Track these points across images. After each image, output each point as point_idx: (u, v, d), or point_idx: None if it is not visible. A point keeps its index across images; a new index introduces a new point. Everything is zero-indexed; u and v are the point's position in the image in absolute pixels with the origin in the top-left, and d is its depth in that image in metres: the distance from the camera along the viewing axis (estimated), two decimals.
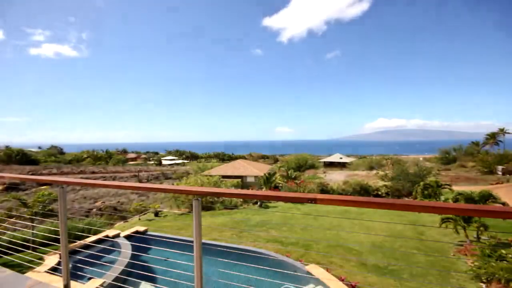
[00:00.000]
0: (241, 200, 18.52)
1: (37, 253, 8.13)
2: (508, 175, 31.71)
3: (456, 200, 11.19)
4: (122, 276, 6.42)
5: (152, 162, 73.19)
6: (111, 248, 8.75)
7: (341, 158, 61.22)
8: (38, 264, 7.03)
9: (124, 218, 16.25)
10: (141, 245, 8.45)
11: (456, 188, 19.25)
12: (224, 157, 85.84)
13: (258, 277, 6.92)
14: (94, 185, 2.62)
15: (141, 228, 10.38)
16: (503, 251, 7.14)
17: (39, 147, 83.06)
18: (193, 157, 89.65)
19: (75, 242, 8.23)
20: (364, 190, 22.89)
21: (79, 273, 6.57)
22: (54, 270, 6.57)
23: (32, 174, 40.10)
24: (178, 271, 3.55)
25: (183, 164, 67.20)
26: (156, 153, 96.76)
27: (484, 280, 6.51)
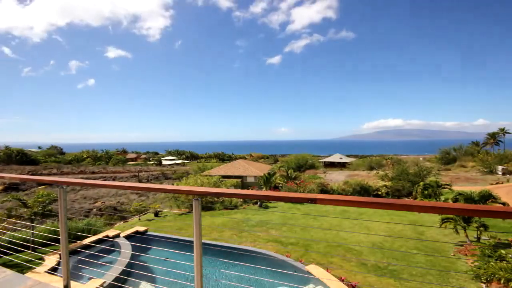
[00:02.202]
0: (241, 200, 18.51)
1: (37, 253, 8.13)
2: (508, 175, 31.70)
3: (456, 200, 11.19)
4: (122, 276, 6.42)
5: (152, 162, 73.22)
6: (111, 248, 8.75)
7: (341, 158, 61.22)
8: (38, 264, 7.04)
9: (124, 218, 16.25)
10: (141, 245, 8.44)
11: (456, 188, 19.25)
12: (224, 157, 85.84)
13: (258, 277, 6.93)
14: (94, 185, 2.62)
15: (141, 228, 10.38)
16: (503, 251, 7.14)
17: (39, 147, 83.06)
18: (193, 157, 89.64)
19: (75, 242, 8.23)
20: (364, 190, 22.85)
21: (79, 273, 6.58)
22: (54, 270, 6.58)
23: (32, 174, 40.10)
24: (178, 271, 3.55)
25: (183, 164, 67.19)
26: (156, 153, 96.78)
27: (484, 280, 6.51)
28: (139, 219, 14.49)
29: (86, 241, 8.59)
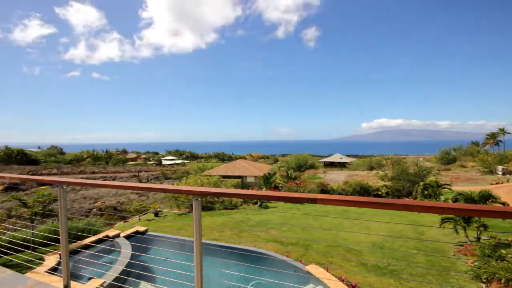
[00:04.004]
0: (241, 200, 18.51)
1: (37, 253, 8.13)
2: (508, 175, 31.69)
3: (456, 200, 11.19)
4: (122, 276, 6.42)
5: (152, 162, 73.16)
6: (111, 248, 8.75)
7: (341, 158, 61.22)
8: (38, 264, 7.04)
9: (124, 218, 16.24)
10: (141, 245, 8.45)
11: (456, 188, 19.24)
12: (224, 157, 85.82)
13: (258, 277, 6.92)
14: (94, 185, 2.62)
15: (141, 228, 10.38)
16: (503, 251, 7.14)
17: (39, 147, 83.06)
18: (193, 157, 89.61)
19: (75, 242, 8.23)
20: (364, 190, 22.84)
21: (79, 273, 6.58)
22: (54, 270, 6.58)
23: (32, 174, 40.09)
24: (178, 271, 3.55)
25: (183, 164, 67.16)
26: (156, 153, 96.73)
27: (484, 280, 6.50)
28: (139, 219, 14.48)
29: (86, 241, 8.59)
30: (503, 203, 12.55)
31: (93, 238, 9.01)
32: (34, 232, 9.26)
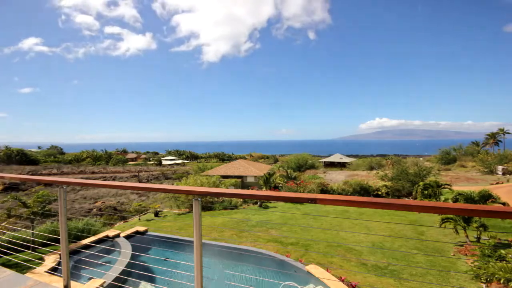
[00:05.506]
0: (241, 200, 18.51)
1: (37, 253, 8.13)
2: (508, 175, 31.68)
3: (456, 200, 11.20)
4: (122, 276, 6.41)
5: (152, 162, 73.16)
6: (111, 248, 8.75)
7: (341, 158, 61.23)
8: (38, 264, 7.04)
9: (124, 218, 16.24)
10: (141, 245, 8.45)
11: (456, 188, 19.24)
12: (224, 157, 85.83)
13: (258, 277, 6.93)
14: (94, 185, 2.62)
15: (141, 228, 10.38)
16: (503, 251, 7.14)
17: (39, 147, 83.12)
18: (193, 157, 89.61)
19: (75, 242, 8.24)
20: (364, 190, 22.84)
21: (79, 273, 6.59)
22: (54, 270, 6.58)
23: (32, 174, 40.08)
24: (178, 271, 3.55)
25: (183, 164, 67.18)
26: (156, 153, 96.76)
27: (484, 280, 6.50)
28: (139, 219, 14.48)
29: (86, 241, 8.59)
30: (503, 203, 12.55)
31: (93, 238, 9.01)
32: (34, 232, 9.25)
